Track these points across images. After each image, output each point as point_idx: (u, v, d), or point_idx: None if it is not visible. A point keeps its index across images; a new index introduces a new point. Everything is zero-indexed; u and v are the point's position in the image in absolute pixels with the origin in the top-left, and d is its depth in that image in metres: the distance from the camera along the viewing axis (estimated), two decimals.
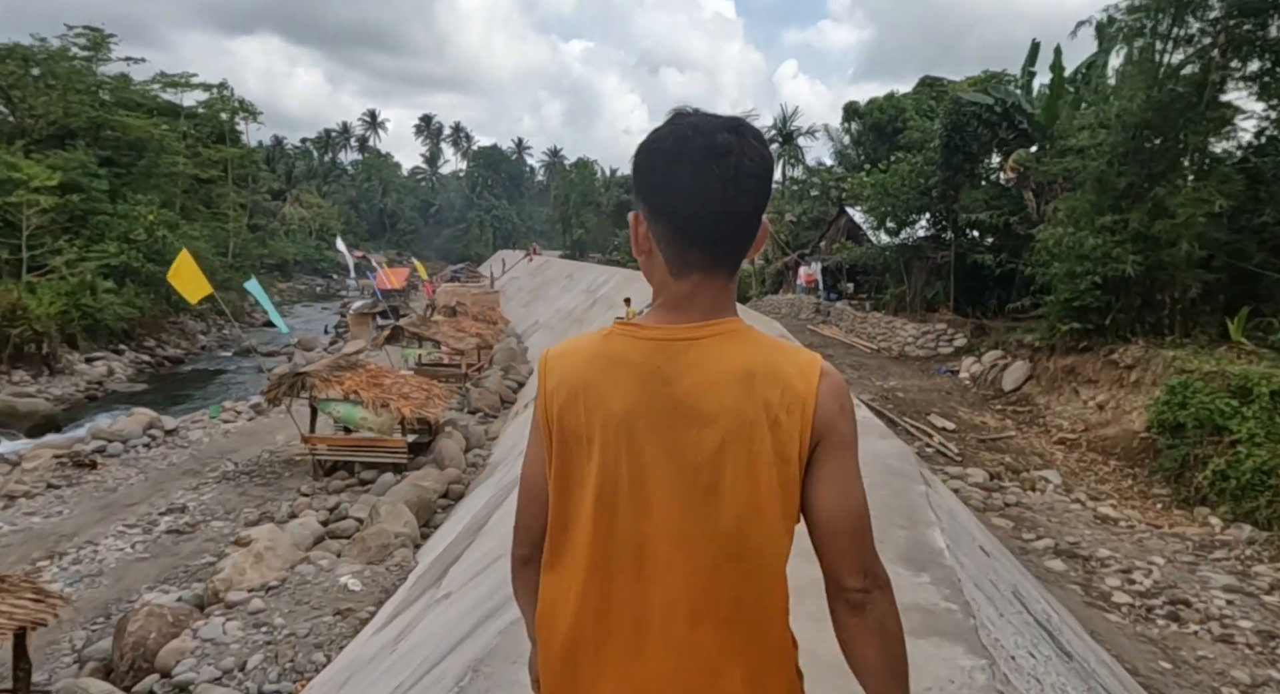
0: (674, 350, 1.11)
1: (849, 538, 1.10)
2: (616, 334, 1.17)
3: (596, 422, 1.12)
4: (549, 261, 46.56)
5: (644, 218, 1.16)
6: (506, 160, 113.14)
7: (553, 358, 1.20)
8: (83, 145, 38.18)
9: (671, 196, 1.11)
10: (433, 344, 21.48)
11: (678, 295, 1.15)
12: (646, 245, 1.17)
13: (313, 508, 11.72)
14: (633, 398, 1.11)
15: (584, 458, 1.13)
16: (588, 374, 1.14)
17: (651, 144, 1.13)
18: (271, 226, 77.62)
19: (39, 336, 25.18)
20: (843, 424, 1.11)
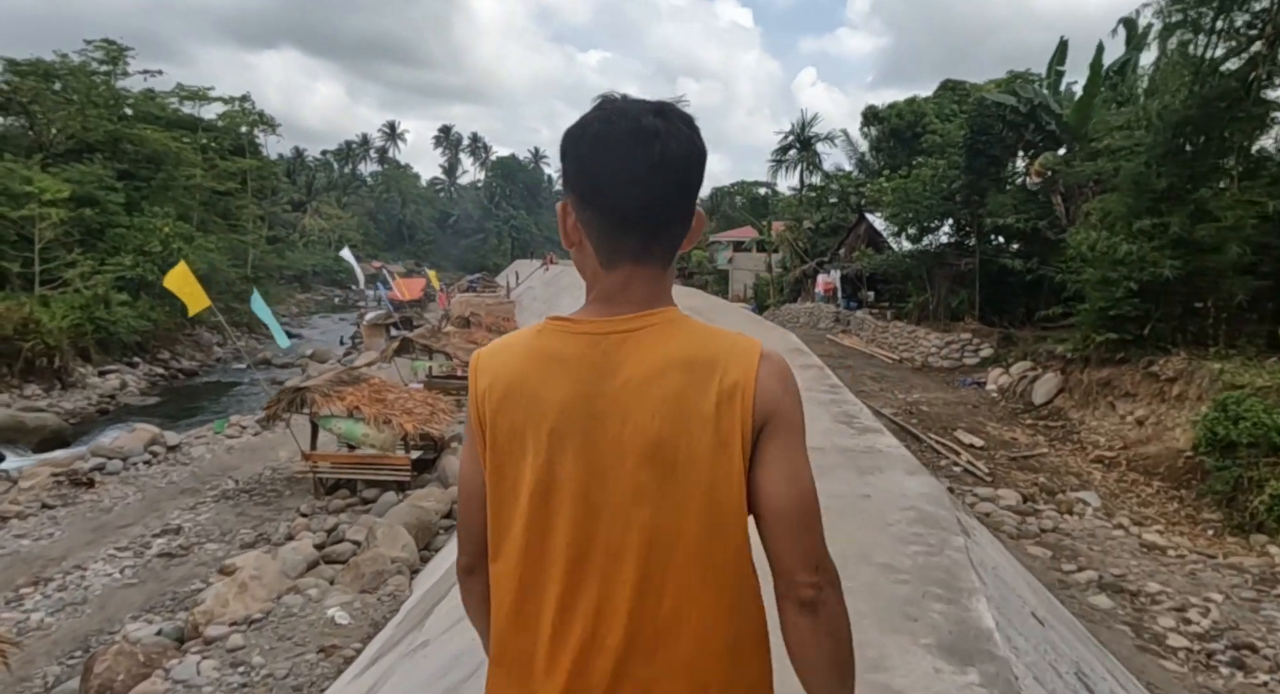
0: (609, 343, 1.08)
1: (797, 526, 1.05)
2: (549, 330, 1.13)
3: (531, 420, 1.08)
4: (564, 271, 46.21)
5: (572, 207, 1.13)
6: (524, 170, 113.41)
7: (484, 357, 1.17)
8: (100, 159, 38.37)
9: (597, 183, 1.08)
10: (443, 356, 21.04)
11: (610, 287, 1.11)
12: (576, 236, 1.13)
13: (310, 530, 11.25)
14: (568, 394, 1.07)
15: (519, 459, 1.09)
16: (520, 372, 1.10)
17: (576, 130, 1.10)
18: (290, 238, 78.19)
19: (50, 350, 25.07)
20: (786, 406, 1.07)
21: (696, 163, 1.10)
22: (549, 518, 1.08)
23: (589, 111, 1.10)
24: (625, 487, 1.06)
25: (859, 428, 5.71)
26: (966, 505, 8.63)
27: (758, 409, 1.04)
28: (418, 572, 9.81)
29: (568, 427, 1.07)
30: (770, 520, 1.06)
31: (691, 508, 1.04)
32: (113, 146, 39.90)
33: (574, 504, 1.07)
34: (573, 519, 1.07)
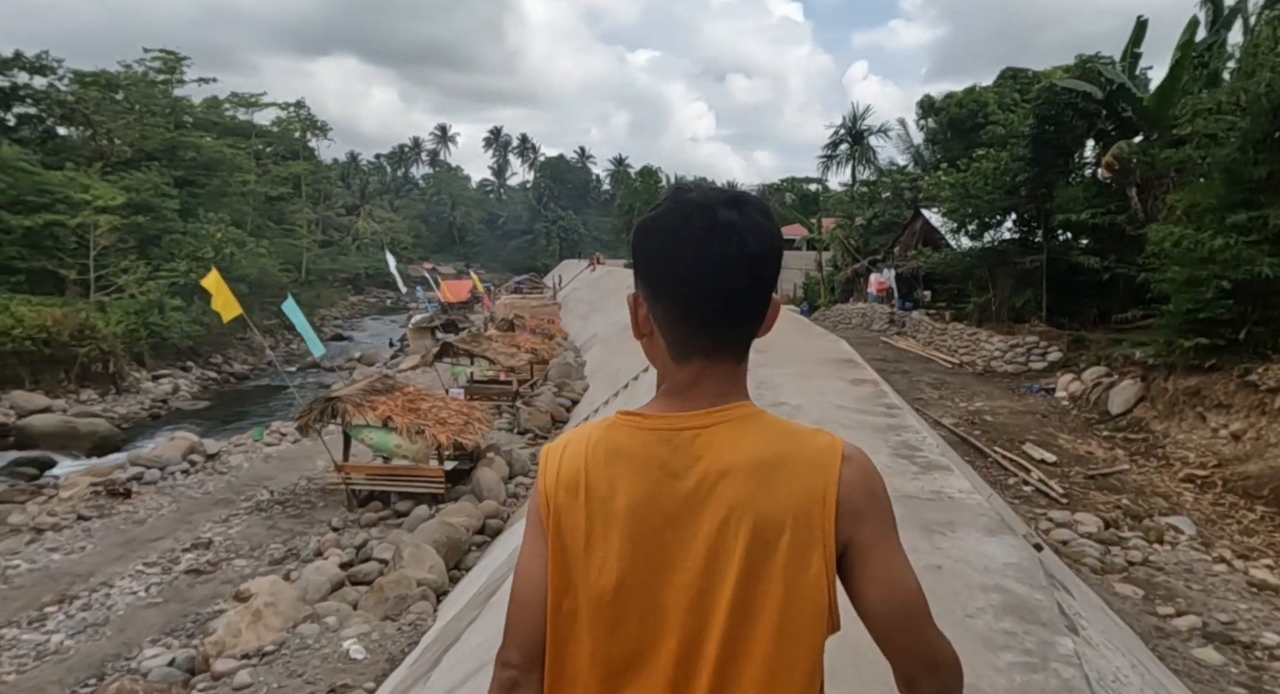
0: (680, 440, 1.05)
1: (907, 634, 1.03)
2: (619, 424, 1.09)
3: (598, 521, 1.05)
4: (610, 272, 45.74)
5: (643, 299, 1.11)
6: (572, 170, 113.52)
7: (552, 452, 1.14)
8: (158, 167, 39.21)
9: (670, 277, 1.05)
10: (486, 361, 20.67)
11: (681, 381, 1.09)
12: (647, 328, 1.11)
13: (339, 546, 10.86)
14: (639, 493, 1.04)
15: (583, 561, 1.05)
16: (589, 467, 1.07)
17: (650, 222, 1.08)
18: (343, 242, 79.45)
19: (105, 355, 25.49)
20: (874, 511, 1.04)
21: (773, 255, 1.07)
22: (613, 624, 1.04)
23: (661, 203, 1.09)
24: (693, 595, 1.01)
25: (923, 464, 4.72)
26: (1040, 531, 7.76)
27: (842, 517, 1.01)
28: (446, 593, 9.33)
29: (637, 529, 1.03)
30: (877, 630, 1.04)
31: (764, 622, 1.00)
32: (170, 154, 40.75)
33: (640, 610, 1.03)
34: (638, 626, 1.03)
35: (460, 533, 10.37)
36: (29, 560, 10.47)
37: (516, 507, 12.53)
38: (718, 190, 1.08)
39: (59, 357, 24.32)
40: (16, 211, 28.50)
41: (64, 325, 24.67)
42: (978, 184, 17.58)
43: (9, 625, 8.68)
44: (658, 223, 1.07)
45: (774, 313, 1.10)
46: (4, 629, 8.57)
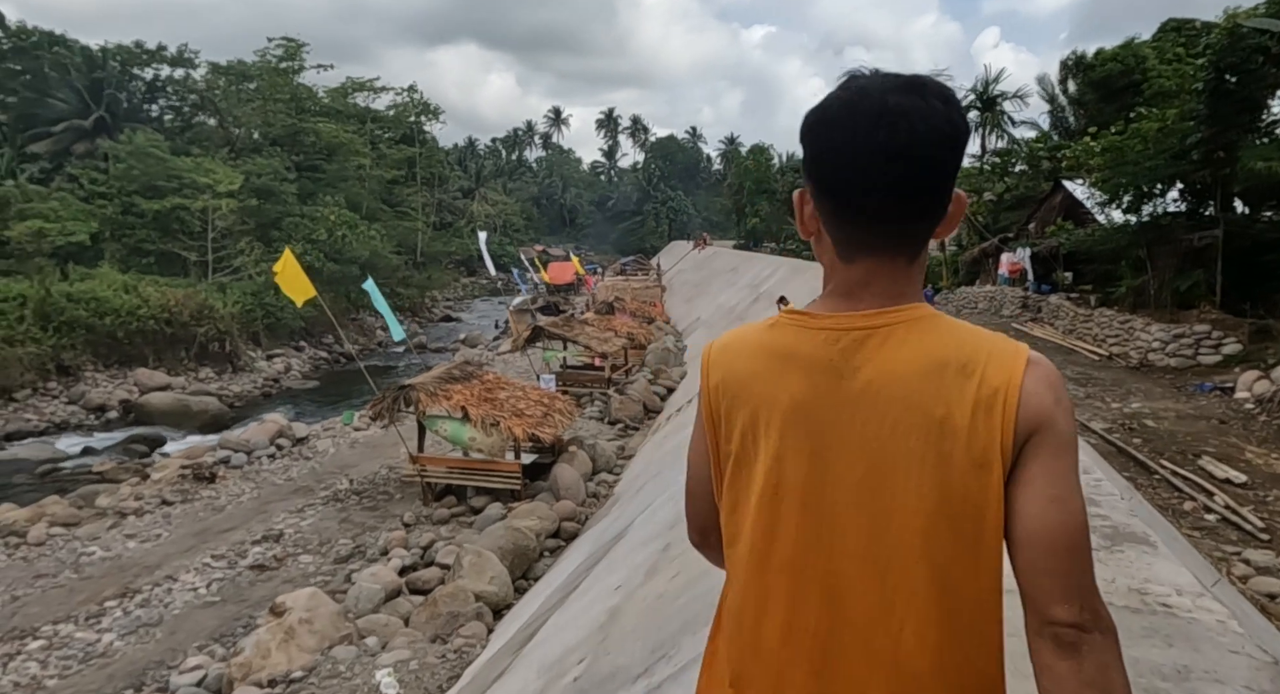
0: (849, 341, 1.00)
1: (1061, 558, 0.91)
2: (784, 324, 1.07)
3: (761, 421, 1.03)
4: (717, 253, 44.24)
5: (809, 195, 1.07)
6: (683, 150, 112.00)
7: (715, 352, 1.12)
8: (279, 152, 40.61)
9: (836, 170, 1.01)
10: (578, 345, 19.80)
11: (848, 281, 1.04)
12: (813, 226, 1.08)
13: (405, 547, 10.20)
14: (802, 395, 1.01)
15: (749, 460, 1.05)
16: (752, 369, 1.06)
17: (816, 113, 1.03)
18: (458, 224, 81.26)
19: (222, 335, 26.36)
20: (1057, 418, 0.94)
21: (952, 143, 0.98)
22: (775, 527, 1.02)
23: (832, 91, 1.03)
24: (858, 500, 0.98)
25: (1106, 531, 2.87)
26: (1235, 578, 6.02)
27: (1022, 421, 0.93)
28: (510, 606, 8.44)
29: (802, 430, 1.00)
30: (1027, 548, 0.93)
31: (937, 531, 0.94)
32: (292, 140, 42.16)
33: (802, 516, 1.01)
34: (798, 532, 1.01)
35: (528, 539, 9.45)
36: (105, 548, 10.34)
37: (597, 507, 11.55)
38: (891, 75, 1.00)
39: (180, 336, 25.27)
40: (149, 197, 29.94)
41: (185, 306, 25.62)
42: (1136, 148, 15.13)
43: (68, 620, 8.43)
44: (823, 112, 1.01)
45: (958, 209, 1.03)
46: (61, 625, 8.31)
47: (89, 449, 17.98)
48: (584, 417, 17.53)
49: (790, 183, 57.36)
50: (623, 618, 3.32)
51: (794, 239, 51.18)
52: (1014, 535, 0.94)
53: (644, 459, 12.68)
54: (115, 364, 23.58)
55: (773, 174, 66.04)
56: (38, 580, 9.26)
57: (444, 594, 8.08)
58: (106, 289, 24.35)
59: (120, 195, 30.09)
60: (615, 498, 11.38)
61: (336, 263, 34.94)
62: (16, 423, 19.02)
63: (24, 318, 21.15)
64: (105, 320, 23.16)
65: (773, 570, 1.02)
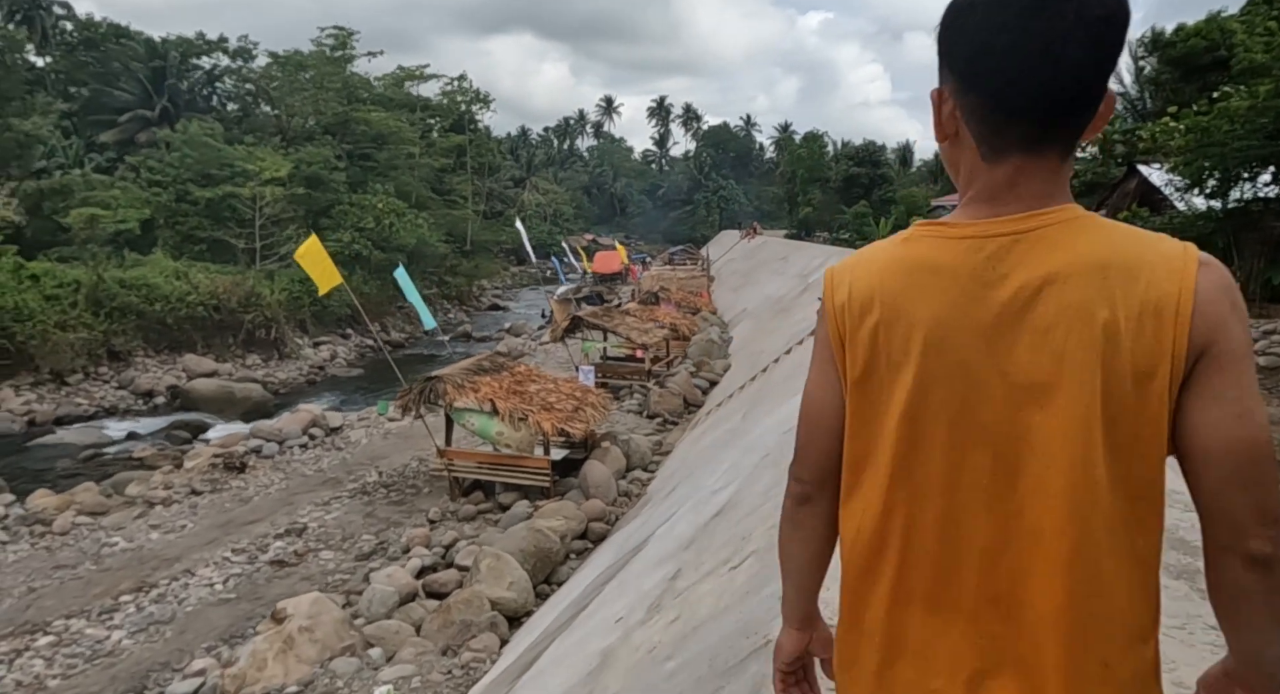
0: (995, 247, 0.93)
1: (1249, 475, 0.85)
2: (918, 237, 1.00)
3: (899, 338, 0.97)
4: (766, 242, 43.24)
5: (949, 93, 0.98)
6: (735, 139, 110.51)
7: (839, 271, 1.06)
8: (331, 140, 40.94)
9: (986, 56, 0.91)
10: (620, 336, 19.25)
11: (992, 183, 0.96)
12: (951, 126, 0.99)
13: (428, 545, 9.82)
14: (945, 307, 0.94)
15: (886, 380, 0.99)
16: (886, 283, 0.99)
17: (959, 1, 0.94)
18: (508, 214, 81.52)
19: (269, 322, 26.56)
20: (1233, 328, 0.88)
21: (1119, 26, 0.90)
22: (920, 448, 0.97)
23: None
24: (1014, 417, 0.92)
25: None
26: None
27: (1196, 330, 0.86)
28: (530, 615, 7.97)
29: (945, 344, 0.95)
30: (1210, 466, 0.87)
31: (1099, 449, 0.88)
32: (343, 128, 42.48)
33: (951, 433, 0.95)
34: (948, 452, 0.95)
35: (552, 541, 8.96)
36: (128, 539, 10.19)
37: (628, 507, 11.02)
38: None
39: (228, 322, 25.52)
40: (202, 185, 30.33)
41: (233, 293, 25.86)
42: (1223, 128, 13.88)
43: (81, 614, 8.24)
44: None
45: (1108, 110, 0.93)
46: (74, 619, 8.12)
47: (133, 434, 18.15)
48: (622, 410, 17.03)
49: (844, 171, 55.84)
50: (610, 671, 2.81)
51: (846, 228, 49.79)
52: (1194, 453, 0.87)
53: (679, 457, 12.09)
54: (165, 350, 23.91)
55: (826, 162, 64.46)
56: (57, 572, 9.14)
57: (459, 601, 7.64)
58: (158, 275, 24.68)
59: (175, 183, 30.57)
60: (647, 498, 10.83)
61: (384, 251, 35.05)
62: (67, 407, 19.32)
63: (77, 303, 21.50)
64: (155, 306, 23.46)
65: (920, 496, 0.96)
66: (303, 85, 42.56)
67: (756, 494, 4.81)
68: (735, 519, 4.53)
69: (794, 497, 1.13)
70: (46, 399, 19.38)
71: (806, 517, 1.12)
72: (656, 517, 7.82)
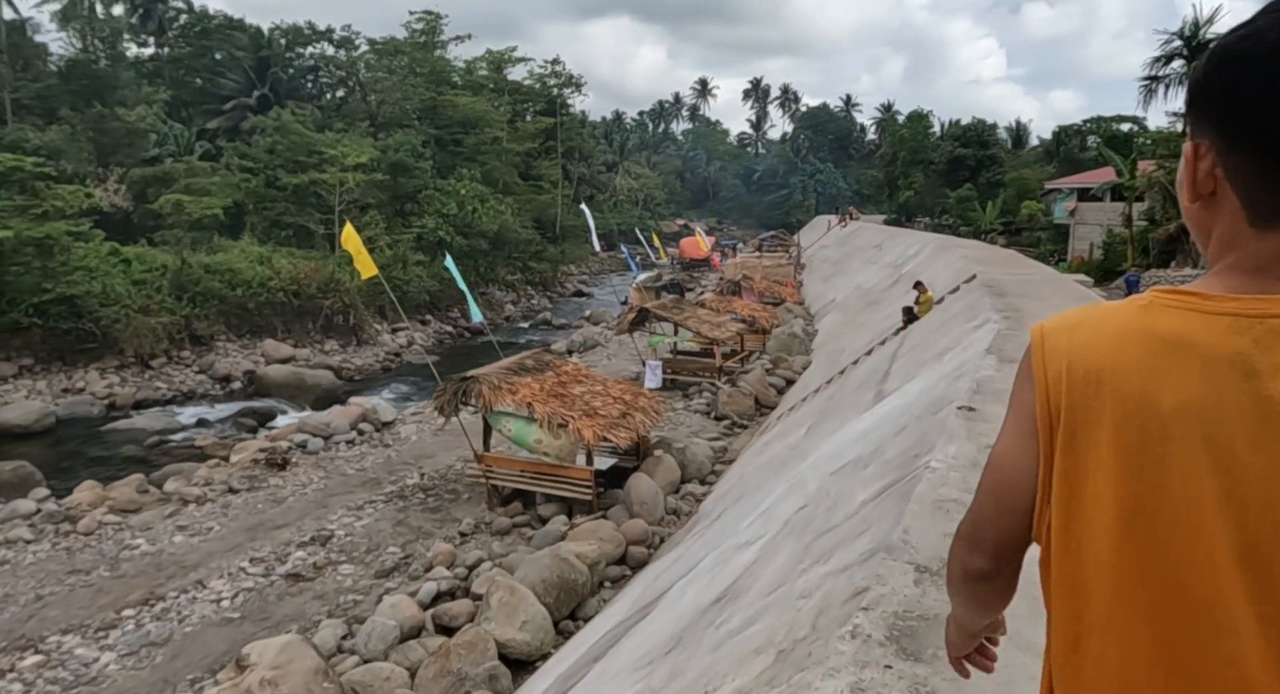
0: (1266, 330, 0.80)
1: None
2: (1164, 305, 0.86)
3: (1132, 423, 0.83)
4: (862, 228, 40.90)
5: (1210, 149, 0.87)
6: (834, 120, 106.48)
7: (1055, 333, 0.92)
8: (418, 125, 41.11)
9: (1261, 112, 0.81)
10: (690, 330, 18.03)
11: (1262, 253, 0.84)
12: (1208, 185, 0.88)
13: (450, 566, 8.98)
14: (1192, 393, 0.81)
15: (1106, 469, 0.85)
16: (1117, 358, 0.86)
17: (1233, 45, 0.84)
18: (599, 199, 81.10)
19: (347, 308, 26.65)
20: None
21: None
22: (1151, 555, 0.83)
23: (1258, 15, 0.83)
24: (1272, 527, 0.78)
25: None
26: None
27: None
28: (546, 656, 6.99)
29: (1186, 437, 0.81)
30: None
31: None
32: (431, 113, 42.64)
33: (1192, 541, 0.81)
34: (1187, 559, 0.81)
35: (578, 571, 7.93)
36: (151, 541, 9.80)
37: (676, 527, 9.89)
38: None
39: (307, 308, 25.71)
40: (291, 171, 30.77)
41: (313, 278, 26.02)
42: None
43: (79, 629, 7.79)
44: (1245, 44, 0.82)
45: None
46: (70, 635, 7.67)
47: (203, 420, 18.26)
48: (688, 409, 15.89)
49: (948, 153, 52.41)
50: None
51: (949, 213, 46.70)
52: None
53: (737, 472, 10.86)
54: (247, 334, 24.24)
55: (930, 143, 60.79)
56: (70, 577, 8.78)
57: (461, 643, 6.72)
58: (242, 260, 25.05)
59: (265, 169, 31.14)
60: (697, 518, 9.67)
61: (466, 237, 34.86)
62: (146, 390, 19.67)
63: (161, 288, 21.92)
64: (237, 291, 23.77)
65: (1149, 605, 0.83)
66: (394, 71, 42.94)
67: (773, 572, 3.62)
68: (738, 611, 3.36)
69: (973, 572, 1.02)
70: (129, 382, 19.79)
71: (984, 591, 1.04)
72: (678, 568, 6.67)
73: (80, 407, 17.95)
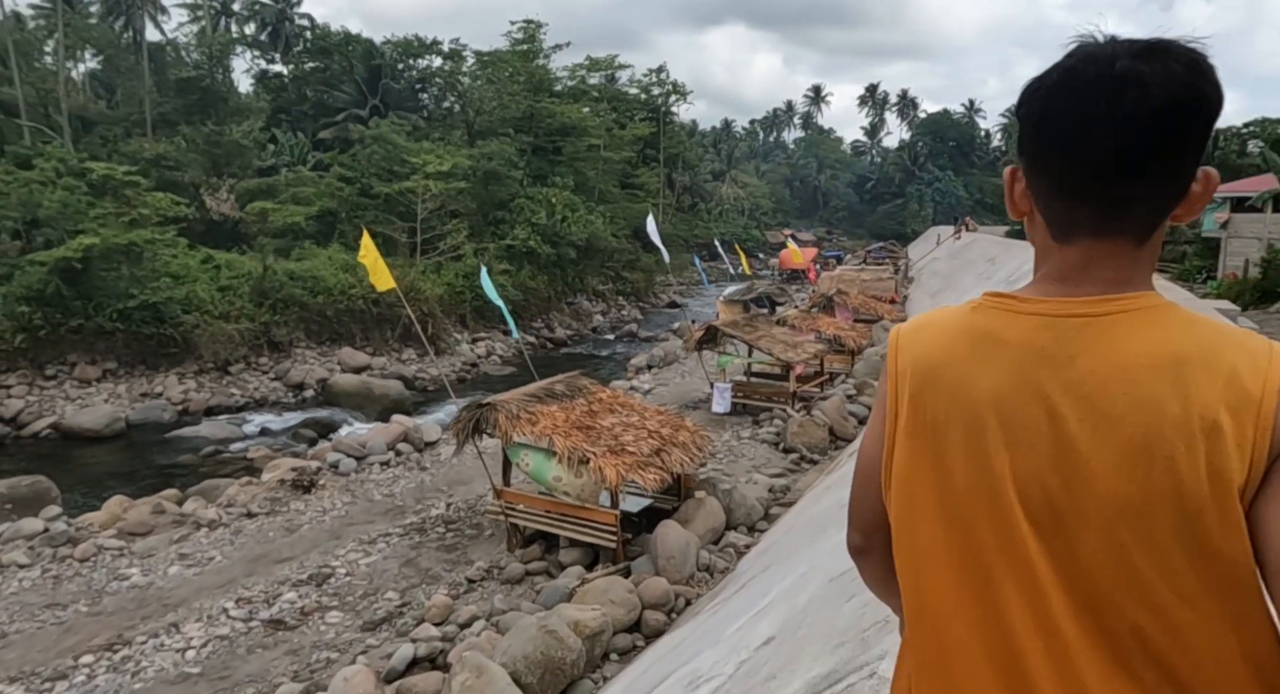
0: (1065, 328, 0.92)
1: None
2: (988, 307, 0.99)
3: (956, 409, 0.95)
4: (977, 240, 37.84)
5: (1021, 172, 1.00)
6: (955, 126, 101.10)
7: (905, 333, 1.07)
8: (513, 134, 41.07)
9: (1048, 140, 0.93)
10: (762, 350, 16.41)
11: (1064, 264, 0.96)
12: (1025, 205, 1.01)
13: (441, 623, 7.87)
14: (1006, 383, 0.93)
15: (936, 450, 0.97)
16: (947, 352, 0.99)
17: (1033, 83, 0.95)
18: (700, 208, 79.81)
19: (426, 317, 26.39)
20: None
21: (1190, 114, 0.87)
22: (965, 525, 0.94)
23: (1058, 60, 0.94)
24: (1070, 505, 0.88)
25: None
26: None
27: (1277, 433, 0.82)
28: None
29: (1001, 421, 0.92)
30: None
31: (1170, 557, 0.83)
32: (529, 122, 42.59)
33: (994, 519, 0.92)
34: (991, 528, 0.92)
35: (568, 648, 6.63)
36: (144, 572, 9.17)
37: (707, 587, 8.45)
38: (1129, 40, 0.89)
39: (386, 316, 25.61)
40: (386, 180, 31.07)
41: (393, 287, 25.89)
42: None
43: (27, 678, 7.10)
44: (1042, 80, 0.94)
45: (1205, 189, 0.91)
46: (13, 685, 6.99)
47: (266, 430, 18.12)
48: (755, 439, 14.31)
49: None
50: None
51: None
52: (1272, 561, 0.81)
53: (787, 523, 9.28)
54: (326, 342, 24.31)
55: None
56: (45, 611, 8.20)
57: None
58: (327, 268, 25.22)
59: (361, 178, 31.59)
60: (729, 580, 8.19)
61: (554, 246, 34.28)
62: (220, 396, 19.79)
63: (242, 294, 22.19)
64: (318, 298, 23.86)
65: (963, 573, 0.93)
66: (494, 80, 43.16)
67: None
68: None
69: (853, 547, 1.16)
70: (205, 388, 19.99)
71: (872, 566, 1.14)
72: (691, 642, 5.27)
73: (152, 412, 18.14)
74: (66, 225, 19.03)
